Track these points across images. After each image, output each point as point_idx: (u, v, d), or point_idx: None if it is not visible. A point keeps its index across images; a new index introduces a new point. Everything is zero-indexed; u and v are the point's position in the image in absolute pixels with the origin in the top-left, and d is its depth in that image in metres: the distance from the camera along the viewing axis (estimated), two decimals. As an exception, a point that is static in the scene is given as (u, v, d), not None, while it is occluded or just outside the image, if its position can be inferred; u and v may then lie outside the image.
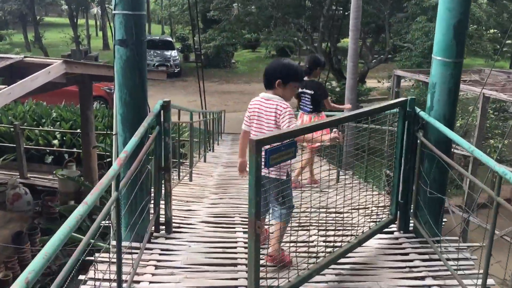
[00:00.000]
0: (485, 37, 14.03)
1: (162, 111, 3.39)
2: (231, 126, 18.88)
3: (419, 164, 3.48)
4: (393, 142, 3.72)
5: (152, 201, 3.52)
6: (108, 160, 8.06)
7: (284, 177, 3.10)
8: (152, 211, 3.51)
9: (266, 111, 3.22)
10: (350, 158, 6.57)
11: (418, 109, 3.50)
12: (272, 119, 3.18)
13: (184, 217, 4.13)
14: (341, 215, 3.68)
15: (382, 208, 4.19)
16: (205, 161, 8.40)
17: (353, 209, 3.76)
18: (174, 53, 28.57)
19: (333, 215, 4.03)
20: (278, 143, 2.55)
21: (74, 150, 10.29)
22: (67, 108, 12.63)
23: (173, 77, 27.85)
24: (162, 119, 3.40)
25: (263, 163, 2.46)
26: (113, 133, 3.42)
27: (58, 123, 11.45)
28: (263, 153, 2.47)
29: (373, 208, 4.18)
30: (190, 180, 6.13)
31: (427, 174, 3.44)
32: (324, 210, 3.62)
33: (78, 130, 10.22)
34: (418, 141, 3.49)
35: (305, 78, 5.33)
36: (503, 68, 34.55)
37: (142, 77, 3.22)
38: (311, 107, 5.62)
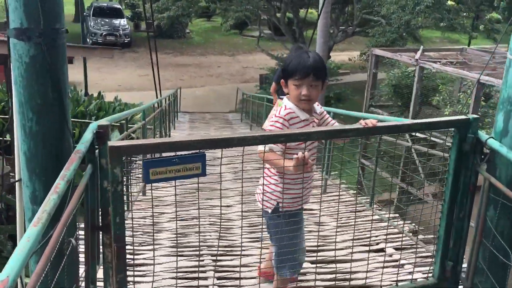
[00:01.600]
0: (462, 13, 13.24)
1: (96, 141, 2.12)
2: (188, 103, 17.49)
3: (484, 211, 2.41)
4: (440, 176, 2.63)
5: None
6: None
7: (268, 210, 2.46)
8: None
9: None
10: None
11: (483, 134, 2.40)
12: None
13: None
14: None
15: (417, 262, 3.12)
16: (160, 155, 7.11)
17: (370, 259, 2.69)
18: (123, 21, 26.44)
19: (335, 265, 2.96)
20: (171, 154, 1.93)
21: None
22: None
23: (123, 48, 25.81)
24: (97, 154, 2.13)
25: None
26: (15, 179, 2.12)
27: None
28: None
29: (403, 261, 3.12)
30: (144, 194, 4.88)
31: (493, 226, 2.38)
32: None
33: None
34: (483, 179, 2.41)
35: None
36: (459, 41, 34.54)
37: (60, 91, 1.93)
38: None
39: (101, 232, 2.26)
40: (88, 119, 11.07)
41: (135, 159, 4.00)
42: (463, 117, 2.38)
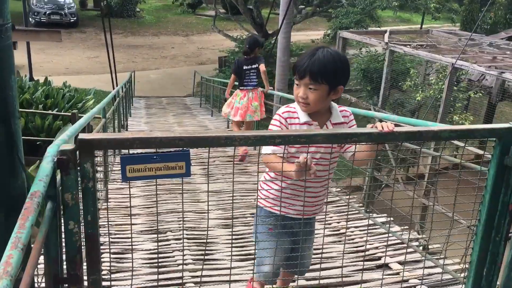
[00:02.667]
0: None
1: (58, 170, 1.60)
2: (142, 87, 16.63)
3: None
4: (476, 193, 2.27)
5: None
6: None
7: (260, 204, 2.27)
8: None
9: None
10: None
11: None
12: None
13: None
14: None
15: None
16: (120, 152, 6.50)
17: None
18: (68, -1, 24.87)
19: None
20: (151, 151, 1.66)
21: None
22: None
23: (69, 28, 24.31)
24: (58, 185, 1.62)
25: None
26: None
27: None
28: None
29: None
30: (106, 201, 4.32)
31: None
32: None
33: None
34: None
35: (246, 57, 5.98)
36: (410, 21, 35.01)
37: (6, 111, 1.39)
38: (257, 80, 6.04)
39: (66, 286, 1.77)
40: (34, 108, 10.16)
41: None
42: (506, 125, 2.01)
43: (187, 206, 4.26)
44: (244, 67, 5.94)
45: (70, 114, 8.95)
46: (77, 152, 1.58)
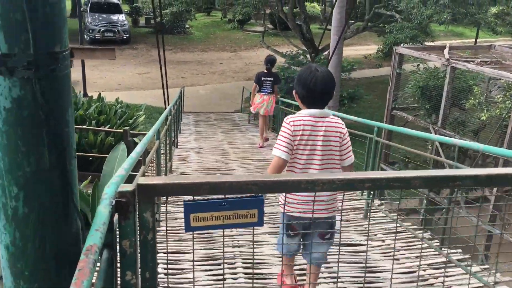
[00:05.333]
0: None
1: (115, 215, 1.42)
2: (190, 103, 16.75)
3: None
4: None
5: None
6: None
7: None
8: None
9: (329, 130, 2.62)
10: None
11: None
12: (336, 142, 2.64)
13: None
14: None
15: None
16: (170, 172, 6.41)
17: None
18: (121, 17, 25.63)
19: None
20: (214, 197, 1.45)
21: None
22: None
23: (122, 45, 25.03)
24: (116, 233, 1.45)
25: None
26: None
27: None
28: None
29: None
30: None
31: None
32: None
33: None
34: None
35: (265, 71, 8.21)
36: (463, 35, 33.78)
37: (63, 150, 1.23)
38: (270, 90, 8.21)
39: None
40: (87, 124, 10.35)
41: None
42: None
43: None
44: (263, 78, 8.25)
45: (122, 131, 9.09)
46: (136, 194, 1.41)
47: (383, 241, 3.95)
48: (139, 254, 1.41)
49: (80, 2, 21.68)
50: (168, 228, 3.94)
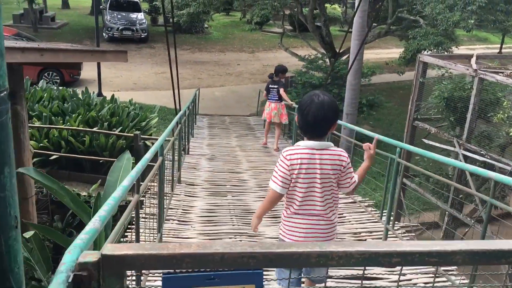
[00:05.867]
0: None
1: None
2: (206, 105, 16.51)
3: None
4: None
5: None
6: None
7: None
8: None
9: (327, 163, 2.54)
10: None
11: None
12: (335, 174, 2.57)
13: None
14: None
15: None
16: (178, 182, 6.13)
17: None
18: (140, 15, 25.55)
19: None
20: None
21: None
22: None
23: (140, 43, 24.94)
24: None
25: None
26: None
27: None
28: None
29: None
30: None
31: None
32: None
33: None
34: None
35: (273, 79, 8.69)
36: (487, 40, 32.93)
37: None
38: (277, 97, 8.70)
39: None
40: (100, 126, 10.15)
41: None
42: None
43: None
44: (270, 86, 8.76)
45: (132, 135, 8.86)
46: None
47: (404, 275, 3.60)
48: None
49: (99, 0, 21.64)
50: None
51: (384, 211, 4.59)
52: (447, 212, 7.79)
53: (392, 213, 4.14)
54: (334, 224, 2.64)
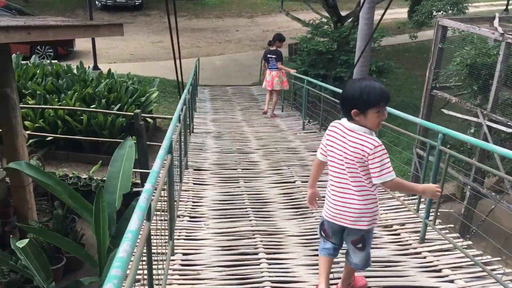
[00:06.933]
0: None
1: None
2: (206, 75, 15.86)
3: None
4: None
5: None
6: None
7: (374, 226, 2.73)
8: None
9: (349, 145, 2.58)
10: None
11: None
12: (354, 160, 2.56)
13: None
14: None
15: None
16: (186, 168, 5.67)
17: None
18: (133, -19, 24.48)
19: None
20: None
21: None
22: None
23: (134, 11, 23.98)
24: None
25: None
26: None
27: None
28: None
29: None
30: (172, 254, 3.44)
31: None
32: None
33: None
34: None
35: (270, 48, 9.01)
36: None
37: None
38: (277, 66, 8.93)
39: None
40: (97, 103, 9.61)
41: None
42: None
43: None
44: (268, 56, 9.00)
45: (132, 113, 8.33)
46: None
47: (452, 281, 3.17)
48: None
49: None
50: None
51: (421, 204, 4.13)
52: (469, 186, 7.37)
53: (432, 208, 3.68)
54: (351, 208, 2.64)
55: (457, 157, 3.64)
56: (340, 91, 6.84)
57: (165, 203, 3.23)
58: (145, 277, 2.22)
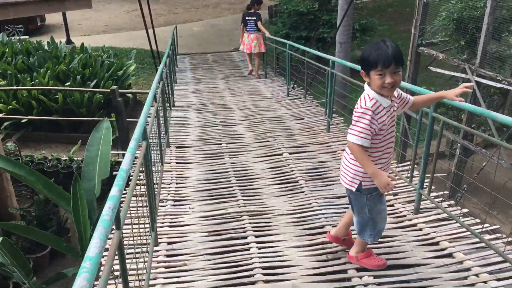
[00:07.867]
0: None
1: None
2: (185, 42, 15.36)
3: None
4: None
5: None
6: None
7: (352, 189, 2.73)
8: None
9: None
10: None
11: None
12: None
13: None
14: None
15: None
16: (167, 146, 5.42)
17: None
18: None
19: None
20: None
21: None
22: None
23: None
24: None
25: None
26: None
27: None
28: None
29: None
30: (155, 244, 3.25)
31: None
32: None
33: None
34: None
35: (250, 10, 9.33)
36: None
37: None
38: (255, 28, 9.28)
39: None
40: (72, 80, 9.21)
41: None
42: None
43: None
44: (247, 18, 9.24)
45: (109, 90, 7.98)
46: None
47: (450, 254, 3.02)
48: None
49: None
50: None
51: (413, 172, 3.97)
52: (458, 144, 7.26)
53: (426, 176, 3.51)
54: (341, 164, 2.80)
55: (450, 123, 3.44)
56: (323, 55, 6.59)
57: (145, 197, 2.99)
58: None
